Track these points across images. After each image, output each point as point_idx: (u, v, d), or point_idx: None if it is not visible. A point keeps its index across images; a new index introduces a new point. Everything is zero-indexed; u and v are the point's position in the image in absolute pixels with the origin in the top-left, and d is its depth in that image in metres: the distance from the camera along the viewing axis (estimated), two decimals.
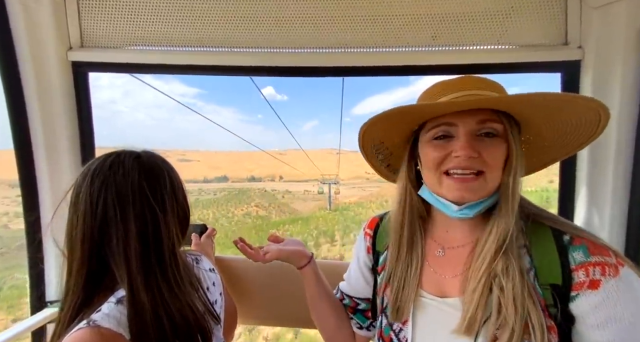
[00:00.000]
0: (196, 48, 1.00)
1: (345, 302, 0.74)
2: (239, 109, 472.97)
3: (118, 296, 0.52)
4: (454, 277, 0.56)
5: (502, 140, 0.51)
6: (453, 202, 0.52)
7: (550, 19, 0.90)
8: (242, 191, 70.42)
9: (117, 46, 0.99)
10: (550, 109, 0.50)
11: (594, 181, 0.89)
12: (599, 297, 0.45)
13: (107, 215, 0.53)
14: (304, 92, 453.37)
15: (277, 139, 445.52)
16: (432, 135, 0.54)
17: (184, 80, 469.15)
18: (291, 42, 0.99)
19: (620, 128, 0.83)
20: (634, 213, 0.84)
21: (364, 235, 0.73)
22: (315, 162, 57.66)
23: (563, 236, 0.49)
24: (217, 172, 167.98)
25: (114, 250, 0.53)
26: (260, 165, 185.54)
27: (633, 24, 0.79)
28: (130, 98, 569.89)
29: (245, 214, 50.24)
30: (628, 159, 0.84)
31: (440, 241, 0.61)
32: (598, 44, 0.85)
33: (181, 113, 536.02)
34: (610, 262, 0.45)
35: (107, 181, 0.54)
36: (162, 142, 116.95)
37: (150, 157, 0.61)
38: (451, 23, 0.94)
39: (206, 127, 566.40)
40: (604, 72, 0.85)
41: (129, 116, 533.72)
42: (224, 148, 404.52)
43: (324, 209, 43.50)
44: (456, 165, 0.51)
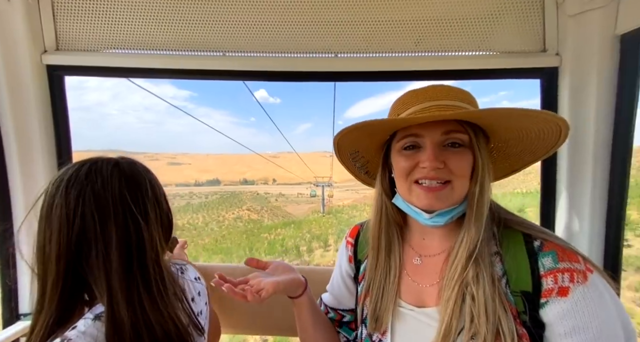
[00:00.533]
0: (181, 52, 0.99)
1: (331, 316, 0.72)
2: (231, 111, 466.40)
3: (96, 312, 0.49)
4: (431, 286, 0.57)
5: (467, 150, 0.52)
6: (423, 211, 0.53)
7: (528, 27, 0.93)
8: (233, 194, 69.30)
9: (94, 49, 0.97)
10: (511, 121, 0.52)
11: (573, 183, 0.92)
12: (567, 305, 0.45)
13: (86, 228, 0.50)
14: (297, 95, 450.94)
15: (270, 141, 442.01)
16: (401, 146, 0.56)
17: (175, 82, 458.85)
18: (278, 47, 0.99)
19: (597, 133, 0.86)
20: (612, 214, 0.87)
21: (346, 244, 0.73)
22: (308, 164, 57.52)
23: (534, 241, 0.50)
24: (208, 175, 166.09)
25: (93, 264, 0.50)
26: (252, 168, 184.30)
27: (607, 32, 0.82)
28: (119, 101, 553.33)
29: (237, 217, 49.16)
30: (605, 162, 0.87)
31: (417, 249, 0.62)
32: (574, 51, 0.88)
33: (171, 116, 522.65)
34: (579, 268, 0.46)
35: (84, 191, 0.51)
36: (152, 146, 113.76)
37: (129, 163, 0.58)
38: (434, 29, 0.96)
39: (197, 130, 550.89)
40: (581, 79, 0.87)
41: (117, 119, 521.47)
42: (216, 151, 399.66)
43: (317, 212, 42.82)
44: (424, 176, 0.52)
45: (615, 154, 0.86)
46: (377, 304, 0.59)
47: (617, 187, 0.86)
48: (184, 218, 56.44)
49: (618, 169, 0.86)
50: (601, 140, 0.87)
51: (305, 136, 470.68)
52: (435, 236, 0.60)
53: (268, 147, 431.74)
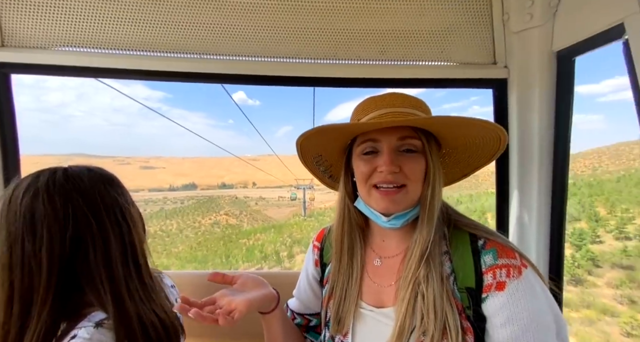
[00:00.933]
0: (155, 53, 0.97)
1: (297, 322, 0.73)
2: (208, 113, 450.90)
3: (95, 320, 0.49)
4: (389, 286, 0.60)
5: (420, 155, 0.57)
6: (382, 214, 0.56)
7: (481, 41, 1.01)
8: (211, 199, 66.52)
9: (44, 47, 0.92)
10: (456, 128, 0.57)
11: (522, 185, 1.01)
12: (503, 298, 0.49)
13: (81, 230, 0.52)
14: (277, 97, 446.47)
15: (249, 144, 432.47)
16: (361, 150, 0.59)
17: (148, 83, 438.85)
18: (254, 51, 1.00)
19: (541, 140, 0.95)
20: (555, 210, 0.97)
21: (313, 248, 0.75)
22: (290, 167, 57.13)
23: (478, 241, 0.55)
24: (184, 179, 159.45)
25: (93, 265, 0.52)
26: (231, 172, 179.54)
27: (545, 48, 0.91)
28: (84, 102, 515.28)
29: (214, 223, 47.54)
30: (548, 165, 0.96)
31: (378, 251, 0.65)
32: (519, 64, 0.97)
33: (144, 118, 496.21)
34: (515, 264, 0.51)
35: (71, 196, 0.52)
36: (122, 149, 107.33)
37: (99, 169, 0.61)
38: (397, 40, 1.01)
39: (172, 133, 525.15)
40: (526, 90, 0.96)
41: (83, 121, 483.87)
42: (192, 154, 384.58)
43: (298, 216, 42.17)
44: (381, 180, 0.56)
45: (557, 158, 0.96)
46: (339, 306, 0.61)
47: (559, 188, 0.96)
48: (156, 225, 53.19)
49: (559, 171, 0.96)
50: (544, 146, 0.96)
51: (286, 139, 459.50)
52: (393, 237, 0.63)
53: (247, 150, 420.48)
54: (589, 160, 34.43)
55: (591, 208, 16.06)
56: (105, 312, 0.50)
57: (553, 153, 0.97)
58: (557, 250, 0.98)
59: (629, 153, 35.31)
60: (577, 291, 10.58)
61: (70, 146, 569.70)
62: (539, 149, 0.97)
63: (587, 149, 44.37)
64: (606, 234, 13.59)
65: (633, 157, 34.49)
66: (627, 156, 34.58)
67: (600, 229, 13.67)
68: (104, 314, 0.50)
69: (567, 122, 0.93)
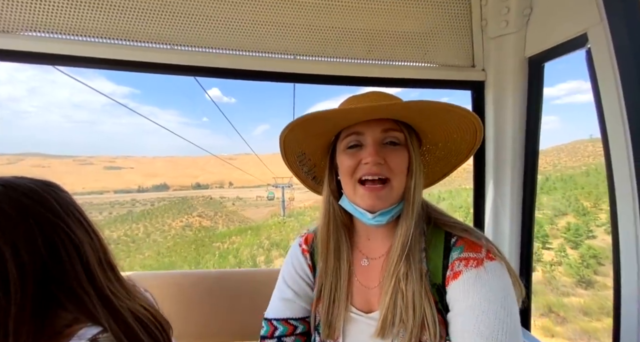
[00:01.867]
0: (121, 42, 0.93)
1: (279, 333, 0.67)
2: (180, 111, 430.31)
3: (87, 336, 0.46)
4: (375, 287, 0.61)
5: (403, 148, 0.59)
6: (367, 211, 0.58)
7: (461, 44, 1.06)
8: (183, 200, 63.00)
9: (6, 30, 0.83)
10: (435, 116, 0.58)
11: (497, 182, 1.08)
12: (457, 286, 0.51)
13: (49, 237, 0.48)
14: (253, 95, 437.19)
15: (225, 143, 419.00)
16: (345, 145, 0.61)
17: (112, 78, 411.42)
18: (231, 45, 0.98)
19: (514, 140, 1.03)
20: (526, 204, 1.06)
21: (302, 252, 0.72)
22: (268, 166, 56.14)
23: (451, 239, 0.57)
24: (154, 180, 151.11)
25: (69, 270, 0.48)
26: (206, 171, 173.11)
27: (518, 54, 0.98)
28: (38, 96, 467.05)
29: (186, 225, 44.72)
30: (520, 164, 1.04)
31: (364, 251, 0.66)
32: (495, 68, 1.04)
33: (109, 115, 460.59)
34: (477, 257, 0.53)
35: (22, 202, 0.48)
36: (84, 148, 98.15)
37: (31, 177, 0.56)
38: (383, 40, 1.04)
39: (141, 131, 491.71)
40: (500, 93, 1.03)
41: (38, 117, 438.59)
42: (164, 153, 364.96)
43: (277, 216, 40.79)
44: (366, 172, 0.57)
45: (527, 154, 1.04)
46: (329, 310, 0.61)
47: (530, 182, 1.04)
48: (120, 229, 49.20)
49: (529, 166, 1.04)
50: (517, 143, 1.04)
51: (263, 137, 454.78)
52: (378, 235, 0.64)
53: (223, 149, 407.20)
54: (550, 157, 37.31)
55: (577, 202, 15.83)
56: (96, 324, 0.47)
57: (524, 150, 1.04)
58: (527, 240, 1.06)
59: (583, 150, 38.76)
60: (590, 294, 9.17)
61: (23, 145, 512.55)
62: (512, 147, 1.04)
63: (546, 147, 47.92)
64: (597, 228, 12.68)
65: (587, 154, 37.90)
66: (582, 153, 37.95)
67: (591, 223, 12.94)
68: (95, 328, 0.47)
69: (537, 122, 1.02)
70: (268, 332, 0.67)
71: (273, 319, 0.68)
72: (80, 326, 0.47)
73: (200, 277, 1.03)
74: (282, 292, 0.70)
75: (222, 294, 1.01)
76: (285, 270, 0.72)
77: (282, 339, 0.66)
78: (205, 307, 1.00)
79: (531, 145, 1.03)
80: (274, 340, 0.66)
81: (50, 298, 0.47)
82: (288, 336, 0.66)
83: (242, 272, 1.09)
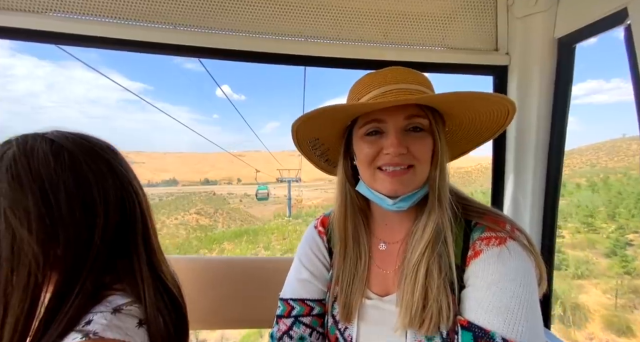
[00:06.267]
0: (123, 21, 0.92)
1: (296, 312, 0.66)
2: (191, 108, 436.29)
3: (113, 305, 0.46)
4: (394, 271, 0.62)
5: (428, 134, 0.57)
6: (387, 196, 0.56)
7: (483, 26, 1.03)
8: (185, 196, 60.98)
9: (10, 8, 0.85)
10: (468, 104, 0.57)
11: (519, 170, 1.05)
12: (479, 264, 0.51)
13: (125, 196, 0.51)
14: (263, 92, 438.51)
15: (235, 140, 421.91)
16: (364, 132, 0.58)
17: (126, 73, 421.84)
18: (242, 26, 0.97)
19: (539, 124, 1.00)
20: (549, 195, 1.04)
21: (318, 233, 0.74)
22: (276, 164, 55.74)
23: (471, 221, 0.57)
24: (164, 175, 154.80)
25: (134, 233, 0.52)
26: (216, 168, 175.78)
27: (547, 34, 0.95)
28: (56, 92, 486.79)
29: (180, 223, 40.22)
30: (545, 149, 1.00)
31: (381, 235, 0.67)
32: (521, 51, 1.00)
33: (123, 111, 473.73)
34: (499, 235, 0.52)
35: (98, 156, 0.50)
36: None
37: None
38: (400, 22, 1.02)
39: (153, 128, 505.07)
40: (526, 77, 1.01)
41: (56, 113, 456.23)
42: (175, 149, 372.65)
43: (282, 216, 35.77)
44: (388, 162, 0.55)
45: (552, 148, 0.99)
46: (346, 294, 0.62)
47: (554, 174, 1.00)
48: None
49: (554, 157, 1.00)
50: (542, 131, 1.00)
51: (273, 135, 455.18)
52: (396, 220, 0.64)
53: (233, 145, 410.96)
54: (586, 157, 34.76)
55: None
56: (131, 293, 0.49)
57: (549, 139, 0.99)
58: (548, 242, 1.02)
59: (626, 149, 35.47)
60: None
61: None
62: (536, 137, 1.01)
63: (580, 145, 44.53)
64: None
65: (632, 152, 34.41)
66: (624, 152, 34.87)
67: None
68: (124, 298, 0.48)
69: (565, 109, 0.98)
70: (285, 312, 0.68)
71: (289, 299, 0.69)
72: (111, 292, 0.49)
73: (209, 263, 1.05)
74: (299, 273, 0.71)
75: (231, 280, 1.04)
76: (302, 251, 0.73)
77: (298, 319, 0.66)
78: (213, 294, 1.04)
79: (557, 135, 1.00)
80: (290, 319, 0.67)
81: (116, 252, 0.49)
82: (305, 316, 0.67)
83: (252, 259, 1.12)
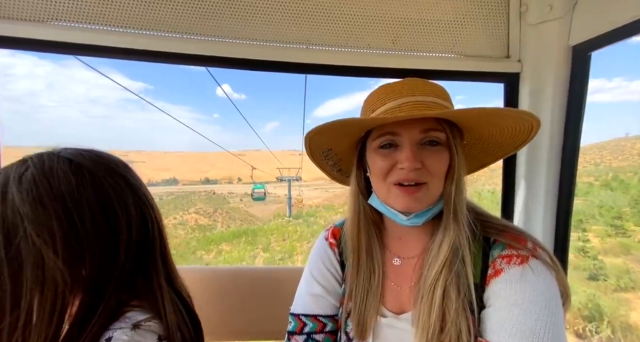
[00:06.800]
0: (132, 30, 0.90)
1: (308, 329, 0.64)
2: (192, 107, 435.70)
3: (132, 321, 0.46)
4: (409, 288, 0.60)
5: (444, 148, 0.55)
6: (401, 212, 0.55)
7: (495, 33, 1.01)
8: (190, 194, 60.93)
9: (16, 18, 0.84)
10: (491, 119, 0.55)
11: (530, 179, 1.04)
12: (500, 283, 0.49)
13: (144, 213, 0.53)
14: (263, 92, 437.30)
15: (236, 139, 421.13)
16: (378, 144, 0.57)
17: (127, 73, 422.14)
18: (251, 34, 0.94)
19: (552, 135, 0.97)
20: (562, 206, 1.02)
21: (329, 246, 0.71)
22: (276, 163, 55.56)
23: (490, 237, 0.55)
24: (165, 174, 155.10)
25: (155, 249, 0.54)
26: (216, 167, 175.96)
27: (562, 42, 0.93)
28: (56, 91, 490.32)
29: (179, 223, 39.27)
30: (557, 161, 0.98)
31: (395, 250, 0.65)
32: (534, 58, 0.98)
33: (124, 110, 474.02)
34: (521, 254, 0.51)
35: (118, 177, 0.52)
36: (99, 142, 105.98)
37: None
38: (410, 29, 1.00)
39: (154, 127, 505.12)
40: (538, 85, 0.98)
41: (56, 112, 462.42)
42: (176, 148, 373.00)
43: (282, 216, 34.56)
44: (403, 178, 0.54)
45: (565, 157, 0.96)
46: (360, 310, 0.60)
47: (567, 184, 0.97)
48: None
49: (566, 172, 0.98)
50: (555, 141, 0.97)
51: (273, 135, 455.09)
52: (411, 235, 0.63)
53: (233, 145, 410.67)
54: (589, 156, 34.22)
55: None
56: (150, 310, 0.49)
57: (562, 148, 0.97)
58: (561, 247, 1.00)
59: (630, 148, 34.62)
60: None
61: (41, 138, 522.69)
62: (549, 145, 0.99)
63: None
64: None
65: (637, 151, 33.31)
66: (629, 151, 33.89)
67: None
68: (142, 314, 0.48)
69: (579, 118, 0.96)
70: (296, 328, 0.65)
71: (301, 314, 0.66)
72: (133, 308, 0.49)
73: (217, 274, 1.03)
74: (311, 287, 0.68)
75: (240, 291, 1.03)
76: (313, 265, 0.70)
77: (311, 336, 0.64)
78: (221, 305, 1.02)
79: (570, 144, 0.98)
80: (303, 336, 0.64)
81: (136, 268, 0.50)
82: (317, 333, 0.64)
83: (261, 269, 1.11)
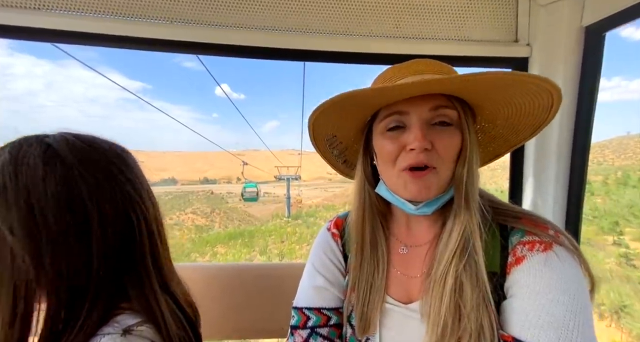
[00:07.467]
0: (116, 16, 0.85)
1: (312, 323, 0.62)
2: (192, 107, 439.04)
3: (122, 326, 0.44)
4: (416, 277, 0.57)
5: (456, 129, 0.51)
6: (410, 201, 0.53)
7: (502, 15, 0.97)
8: (189, 194, 60.70)
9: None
10: (504, 90, 0.50)
11: (539, 168, 1.00)
12: (523, 271, 0.46)
13: (128, 207, 0.48)
14: (262, 91, 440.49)
15: (235, 139, 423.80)
16: (385, 126, 0.54)
17: (125, 72, 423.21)
18: (247, 21, 0.90)
19: (562, 121, 0.94)
20: (572, 197, 0.97)
21: (332, 236, 0.69)
22: (276, 163, 55.34)
23: (507, 224, 0.52)
24: (164, 174, 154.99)
25: (139, 252, 0.49)
26: (215, 167, 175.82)
27: (574, 23, 0.89)
28: (55, 90, 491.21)
29: (175, 224, 38.01)
30: (568, 149, 0.94)
31: (402, 239, 0.62)
32: (544, 41, 0.94)
33: (122, 109, 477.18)
34: (544, 240, 0.48)
35: (103, 166, 0.47)
36: None
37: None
38: (413, 12, 0.97)
39: (152, 127, 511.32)
40: (548, 69, 0.95)
41: (55, 111, 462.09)
42: (175, 148, 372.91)
43: (280, 217, 33.81)
44: (412, 162, 0.50)
45: (576, 148, 0.93)
46: (364, 302, 0.58)
47: (578, 173, 0.94)
48: None
49: (577, 163, 0.94)
50: (565, 128, 0.94)
51: (272, 134, 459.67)
52: (421, 224, 0.59)
53: (232, 145, 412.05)
54: (592, 155, 34.10)
55: None
56: (137, 312, 0.46)
57: (573, 136, 0.93)
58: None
59: (634, 146, 34.50)
60: None
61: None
62: (558, 135, 0.96)
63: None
64: None
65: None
66: (632, 149, 33.69)
67: None
68: (133, 318, 0.46)
69: (591, 104, 0.92)
70: (300, 322, 0.63)
71: (304, 308, 0.63)
72: (123, 311, 0.47)
73: (219, 270, 1.00)
74: (314, 280, 0.65)
75: (242, 288, 0.99)
76: (315, 256, 0.68)
77: (315, 330, 0.61)
78: (223, 302, 0.99)
79: (582, 133, 0.95)
80: (306, 331, 0.61)
81: (122, 269, 0.47)
82: (322, 327, 0.62)
83: (264, 266, 1.08)
